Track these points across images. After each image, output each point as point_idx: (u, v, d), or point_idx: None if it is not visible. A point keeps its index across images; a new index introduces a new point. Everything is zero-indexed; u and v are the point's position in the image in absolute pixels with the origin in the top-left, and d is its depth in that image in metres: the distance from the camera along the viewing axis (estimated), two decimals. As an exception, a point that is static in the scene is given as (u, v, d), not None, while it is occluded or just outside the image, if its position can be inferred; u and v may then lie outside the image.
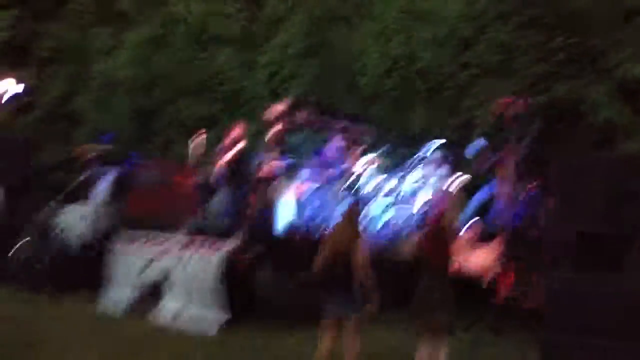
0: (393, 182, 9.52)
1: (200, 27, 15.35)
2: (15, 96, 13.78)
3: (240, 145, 9.08)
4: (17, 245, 9.80)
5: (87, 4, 17.79)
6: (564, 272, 5.65)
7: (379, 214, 9.33)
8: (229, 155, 9.07)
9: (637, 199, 5.35)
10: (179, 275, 8.26)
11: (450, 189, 9.17)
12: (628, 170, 5.50)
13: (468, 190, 9.29)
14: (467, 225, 8.71)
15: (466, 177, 9.14)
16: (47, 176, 13.56)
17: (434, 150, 9.41)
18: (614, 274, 5.27)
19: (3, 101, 13.46)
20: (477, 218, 8.77)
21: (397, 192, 9.45)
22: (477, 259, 7.45)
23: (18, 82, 13.78)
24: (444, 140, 9.42)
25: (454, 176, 9.31)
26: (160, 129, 15.06)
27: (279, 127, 8.58)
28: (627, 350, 5.04)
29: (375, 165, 9.72)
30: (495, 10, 10.72)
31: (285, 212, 9.07)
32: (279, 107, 8.74)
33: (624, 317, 5.13)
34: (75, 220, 10.46)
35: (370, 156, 9.84)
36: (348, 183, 9.29)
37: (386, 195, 9.41)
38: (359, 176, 9.52)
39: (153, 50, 15.40)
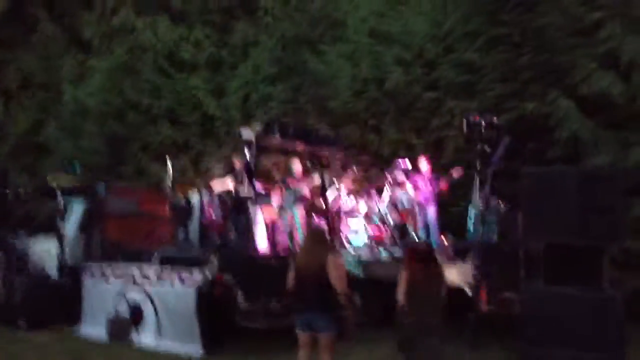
0: (365, 202, 9.53)
1: (169, 54, 15.37)
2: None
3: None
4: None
5: (53, 32, 17.74)
6: (536, 284, 5.68)
7: (352, 234, 9.33)
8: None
9: (605, 211, 5.42)
10: (151, 307, 8.11)
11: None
12: (596, 183, 5.58)
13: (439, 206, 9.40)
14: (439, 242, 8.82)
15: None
16: (17, 208, 13.34)
17: (402, 171, 9.47)
18: (585, 285, 5.32)
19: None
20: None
21: (369, 213, 9.46)
22: (451, 274, 7.48)
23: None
24: (407, 161, 9.52)
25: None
26: (132, 155, 14.96)
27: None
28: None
29: (347, 186, 9.73)
30: (461, 30, 10.92)
31: (257, 236, 9.02)
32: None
33: (596, 328, 5.17)
34: (47, 252, 10.27)
35: (342, 178, 9.86)
36: (316, 205, 9.28)
37: (358, 215, 9.42)
38: (330, 197, 9.52)
39: (122, 77, 15.37)
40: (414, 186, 9.32)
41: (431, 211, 9.25)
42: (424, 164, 9.46)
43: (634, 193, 7.84)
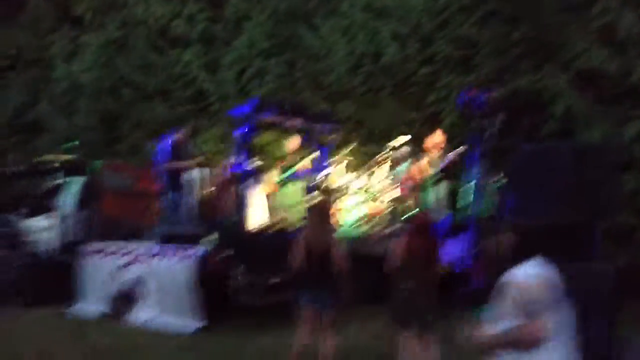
0: (361, 179, 9.55)
1: (162, 29, 15.21)
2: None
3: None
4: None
5: (44, 9, 17.49)
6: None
7: (350, 211, 9.37)
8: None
9: (598, 186, 5.47)
10: (150, 283, 8.19)
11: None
12: (589, 158, 5.61)
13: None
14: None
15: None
16: (11, 186, 13.32)
17: (400, 146, 9.46)
18: (578, 260, 5.38)
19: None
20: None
21: (366, 189, 9.48)
22: (448, 250, 7.57)
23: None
24: (409, 137, 9.49)
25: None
26: (126, 132, 14.89)
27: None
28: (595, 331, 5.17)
29: (344, 162, 9.75)
30: (457, 5, 10.86)
31: (255, 213, 9.06)
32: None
33: (590, 301, 5.25)
34: (43, 230, 10.30)
35: (338, 153, 9.87)
36: (315, 181, 9.29)
37: (355, 192, 9.44)
38: (327, 174, 9.54)
39: (115, 53, 15.23)
40: (428, 162, 9.17)
41: (442, 187, 9.08)
42: (438, 137, 9.24)
43: (628, 168, 7.92)
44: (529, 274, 2.69)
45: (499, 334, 2.82)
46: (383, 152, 9.53)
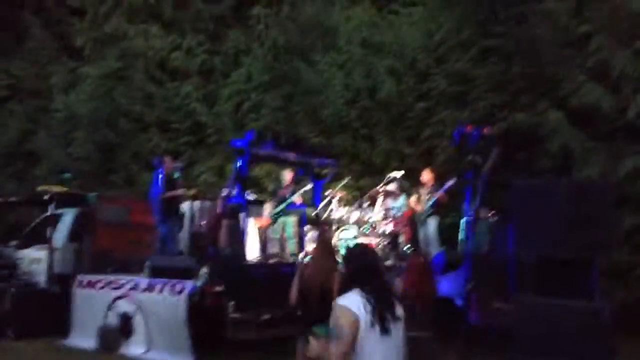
0: (356, 213, 9.52)
1: (161, 61, 15.36)
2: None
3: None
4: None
5: (44, 41, 17.67)
6: (527, 296, 5.69)
7: (345, 245, 9.30)
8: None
9: (595, 223, 5.44)
10: (140, 318, 8.06)
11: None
12: (586, 194, 5.60)
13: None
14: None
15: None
16: (7, 216, 13.25)
17: (393, 181, 9.46)
18: (575, 297, 5.33)
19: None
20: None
21: (359, 224, 9.44)
22: (443, 285, 7.50)
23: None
24: (402, 172, 9.51)
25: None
26: (123, 163, 14.89)
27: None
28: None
29: (338, 196, 9.72)
30: (453, 41, 10.99)
31: (249, 246, 9.00)
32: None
33: (586, 339, 5.18)
34: (36, 261, 10.19)
35: (334, 188, 9.85)
36: (310, 215, 9.26)
37: (349, 226, 9.40)
38: (323, 208, 9.51)
39: (113, 85, 15.33)
40: (417, 198, 9.23)
41: (432, 223, 9.16)
42: (426, 175, 9.38)
43: (624, 205, 7.90)
44: (342, 302, 3.06)
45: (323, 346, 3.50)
46: (377, 187, 9.52)
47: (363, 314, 2.98)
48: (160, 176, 8.77)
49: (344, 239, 9.29)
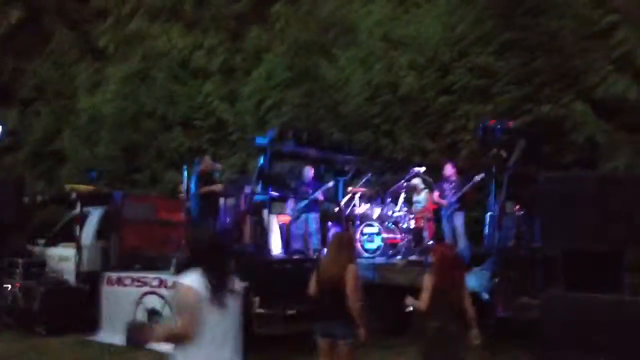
0: (377, 209, 9.52)
1: (183, 61, 15.47)
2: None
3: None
4: (7, 285, 9.70)
5: (68, 41, 17.90)
6: (556, 290, 5.65)
7: (367, 239, 9.32)
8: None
9: (624, 217, 5.38)
10: (167, 314, 8.16)
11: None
12: (613, 188, 5.54)
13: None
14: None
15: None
16: (34, 215, 13.48)
17: (415, 176, 9.43)
18: (604, 291, 5.28)
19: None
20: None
21: (382, 220, 9.43)
22: (470, 280, 7.47)
23: (1, 123, 13.79)
24: (424, 168, 9.47)
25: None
26: (147, 162, 15.06)
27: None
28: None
29: (360, 192, 9.73)
30: (475, 34, 10.89)
31: (273, 243, 9.04)
32: None
33: (615, 333, 5.13)
34: (65, 259, 10.36)
35: (356, 184, 9.87)
36: (333, 211, 9.29)
37: (372, 222, 9.40)
38: (345, 204, 9.53)
39: (137, 85, 15.49)
40: (440, 193, 9.18)
41: (459, 217, 9.04)
42: (449, 169, 9.30)
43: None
44: (183, 280, 3.28)
45: (165, 328, 3.69)
46: (400, 182, 9.51)
47: (203, 290, 3.22)
48: (196, 174, 8.89)
49: (367, 234, 9.32)
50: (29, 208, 13.07)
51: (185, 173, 9.27)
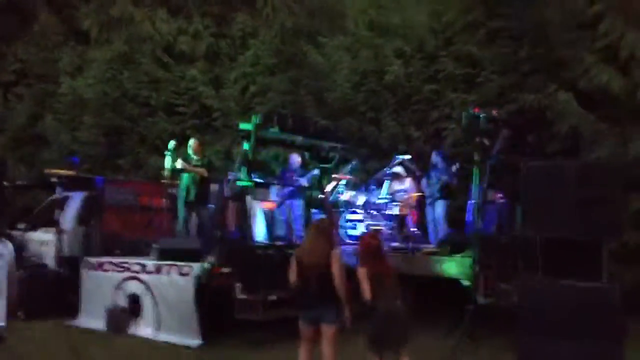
0: (362, 197, 9.50)
1: (168, 45, 15.31)
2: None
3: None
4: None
5: (51, 24, 17.64)
6: (535, 276, 5.69)
7: (350, 226, 9.31)
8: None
9: (603, 205, 5.42)
10: (148, 299, 8.12)
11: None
12: (595, 176, 5.57)
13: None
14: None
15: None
16: (15, 200, 13.30)
17: (399, 164, 9.43)
18: (583, 278, 5.32)
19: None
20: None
21: (366, 207, 9.42)
22: (450, 267, 7.52)
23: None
24: (409, 156, 9.47)
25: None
26: (130, 147, 14.92)
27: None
28: (601, 351, 5.10)
29: (344, 180, 9.70)
30: (461, 23, 10.88)
31: (257, 229, 9.01)
32: None
33: (594, 320, 5.18)
34: (45, 244, 10.26)
35: (340, 171, 9.84)
36: (315, 198, 9.27)
37: (355, 210, 9.39)
38: (329, 191, 9.51)
39: (120, 69, 15.31)
40: (428, 181, 9.17)
41: (440, 206, 9.02)
42: (434, 158, 9.27)
43: (633, 187, 7.84)
44: None
45: None
46: (385, 169, 9.50)
47: None
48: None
49: (350, 221, 9.31)
50: (10, 192, 12.90)
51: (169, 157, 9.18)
